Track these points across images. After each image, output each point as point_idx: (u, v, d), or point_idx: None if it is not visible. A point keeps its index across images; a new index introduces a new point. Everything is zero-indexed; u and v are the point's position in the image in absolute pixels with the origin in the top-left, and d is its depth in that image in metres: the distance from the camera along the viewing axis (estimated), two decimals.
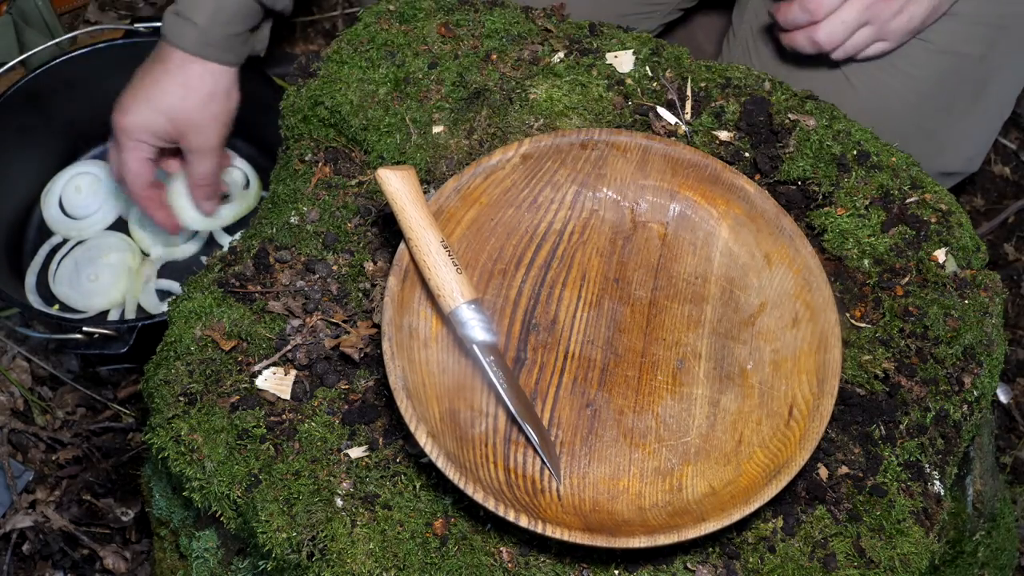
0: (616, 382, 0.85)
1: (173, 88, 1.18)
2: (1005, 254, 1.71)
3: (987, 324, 0.90)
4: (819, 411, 0.79)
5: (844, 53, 1.12)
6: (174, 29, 1.16)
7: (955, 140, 1.24)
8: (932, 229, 0.93)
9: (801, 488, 0.83)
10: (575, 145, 0.89)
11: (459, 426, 0.80)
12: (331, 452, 0.83)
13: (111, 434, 1.45)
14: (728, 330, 0.87)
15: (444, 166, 0.97)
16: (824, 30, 1.09)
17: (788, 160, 0.96)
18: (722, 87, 1.00)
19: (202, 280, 0.93)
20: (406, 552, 0.78)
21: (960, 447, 0.87)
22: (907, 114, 1.18)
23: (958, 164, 1.27)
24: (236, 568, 0.92)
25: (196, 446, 0.84)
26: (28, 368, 1.48)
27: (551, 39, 1.04)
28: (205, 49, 1.16)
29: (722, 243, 0.89)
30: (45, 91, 1.40)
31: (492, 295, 0.87)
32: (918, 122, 1.19)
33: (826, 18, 1.08)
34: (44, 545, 1.36)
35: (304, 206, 0.97)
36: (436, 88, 1.01)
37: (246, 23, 1.18)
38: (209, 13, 1.15)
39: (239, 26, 1.18)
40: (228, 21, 1.16)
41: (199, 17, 1.15)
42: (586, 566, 0.79)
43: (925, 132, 1.20)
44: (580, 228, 0.90)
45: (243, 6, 1.17)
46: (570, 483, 0.80)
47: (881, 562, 0.80)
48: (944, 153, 1.24)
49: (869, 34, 1.11)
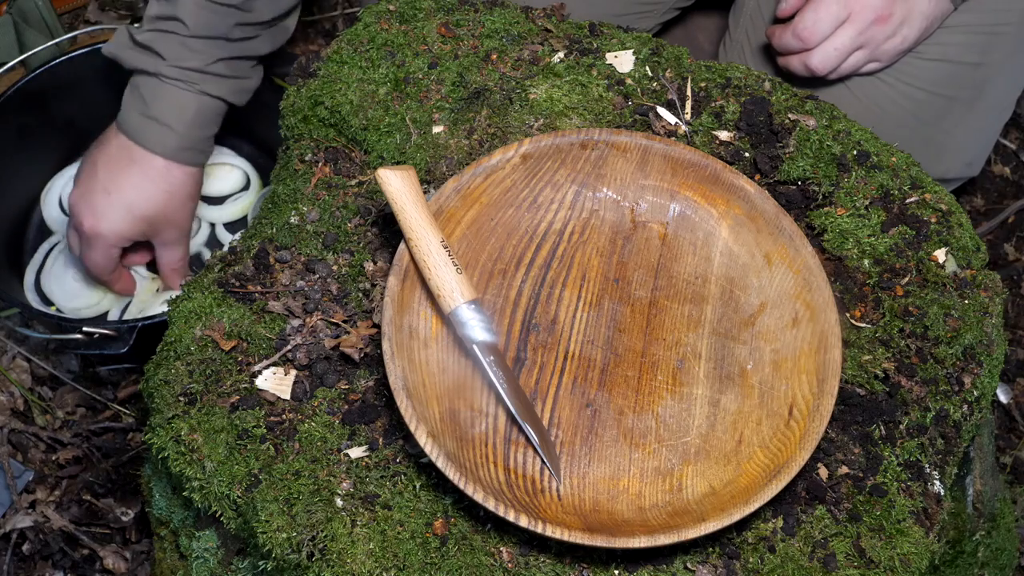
0: (616, 382, 0.85)
1: (156, 194, 1.16)
2: (1005, 254, 1.71)
3: (987, 324, 0.90)
4: (819, 411, 0.79)
5: (838, 75, 1.14)
6: (148, 134, 1.14)
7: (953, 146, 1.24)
8: (932, 229, 0.93)
9: (801, 488, 0.83)
10: (575, 145, 0.89)
11: (459, 426, 0.80)
12: (331, 452, 0.83)
13: (111, 434, 1.45)
14: (728, 330, 0.87)
15: (444, 166, 0.97)
16: (818, 57, 1.10)
17: (788, 160, 0.96)
18: (722, 87, 1.00)
19: (202, 280, 0.93)
20: (406, 552, 0.78)
21: (960, 447, 0.87)
22: (903, 121, 1.19)
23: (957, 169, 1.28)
24: (236, 568, 0.92)
25: (196, 446, 0.84)
26: (28, 368, 1.48)
27: (551, 39, 1.04)
28: (184, 154, 1.16)
29: (722, 243, 0.89)
30: (45, 91, 1.39)
31: (492, 295, 0.87)
32: (915, 129, 1.19)
33: (819, 45, 1.09)
34: (44, 545, 1.36)
35: (304, 206, 0.97)
36: (436, 88, 1.01)
37: (217, 124, 1.18)
38: (188, 119, 1.13)
39: (214, 127, 1.18)
40: (205, 124, 1.16)
41: (177, 124, 1.13)
42: (586, 566, 0.79)
43: (922, 139, 1.20)
44: (580, 228, 0.90)
45: (218, 108, 1.16)
46: (570, 483, 0.80)
47: (881, 562, 0.80)
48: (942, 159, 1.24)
49: (862, 57, 1.12)
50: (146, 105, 1.14)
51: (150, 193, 1.16)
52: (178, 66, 1.12)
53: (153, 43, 1.12)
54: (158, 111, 1.13)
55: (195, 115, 1.14)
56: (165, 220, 1.19)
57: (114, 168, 1.16)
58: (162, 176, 1.16)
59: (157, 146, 1.15)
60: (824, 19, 1.08)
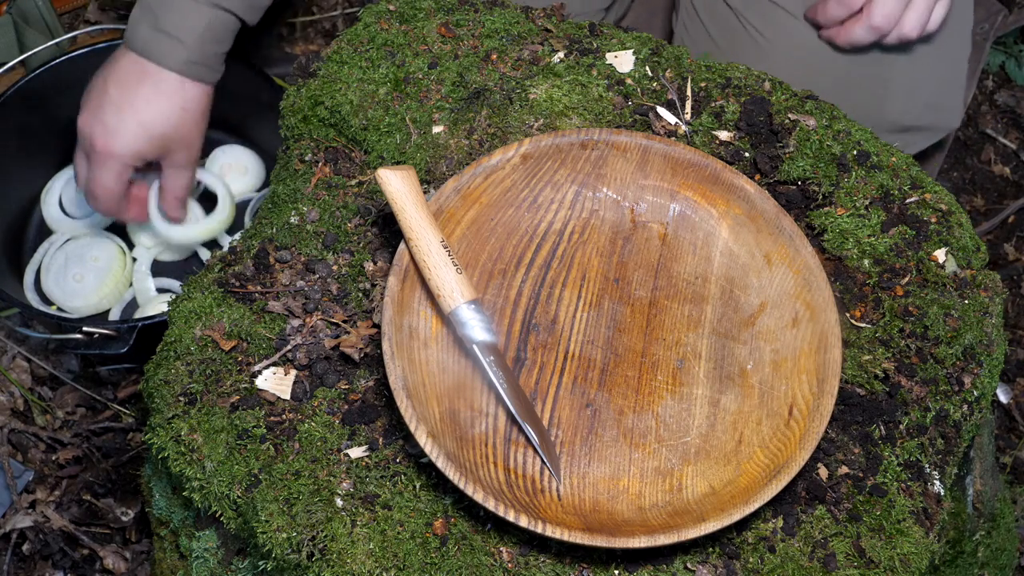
0: (616, 382, 0.85)
1: (169, 110, 1.14)
2: (1005, 254, 1.71)
3: (987, 324, 0.90)
4: (819, 411, 0.79)
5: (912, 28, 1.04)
6: (159, 48, 1.11)
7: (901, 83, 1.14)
8: (932, 229, 0.93)
9: (801, 488, 0.83)
10: (575, 145, 0.89)
11: (459, 426, 0.80)
12: (331, 452, 0.83)
13: (111, 434, 1.45)
14: (728, 330, 0.87)
15: (444, 166, 0.97)
16: (879, 12, 1.02)
17: (788, 160, 0.96)
18: (722, 87, 1.00)
19: (202, 280, 0.93)
20: (406, 552, 0.78)
21: (960, 447, 0.87)
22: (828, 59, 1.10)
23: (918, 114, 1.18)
24: (236, 568, 0.92)
25: (196, 446, 0.84)
26: (28, 368, 1.48)
27: (551, 39, 1.04)
28: (195, 68, 1.13)
29: (722, 243, 0.89)
30: (45, 91, 1.40)
31: (492, 295, 0.87)
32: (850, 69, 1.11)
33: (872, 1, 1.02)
34: (44, 545, 1.36)
35: (304, 206, 0.97)
36: (436, 88, 1.01)
37: (230, 41, 1.16)
38: (198, 32, 1.11)
39: (225, 44, 1.15)
40: (217, 40, 1.13)
41: (188, 37, 1.11)
42: (586, 566, 0.79)
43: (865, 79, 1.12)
44: (580, 228, 0.90)
45: (230, 23, 1.14)
46: (570, 483, 0.80)
47: (881, 562, 0.80)
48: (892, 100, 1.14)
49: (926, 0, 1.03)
50: (156, 18, 1.11)
51: (163, 108, 1.14)
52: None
53: None
54: (168, 24, 1.10)
55: (206, 29, 1.11)
56: (179, 138, 1.17)
57: (125, 85, 1.14)
58: (175, 91, 1.14)
59: (168, 59, 1.12)
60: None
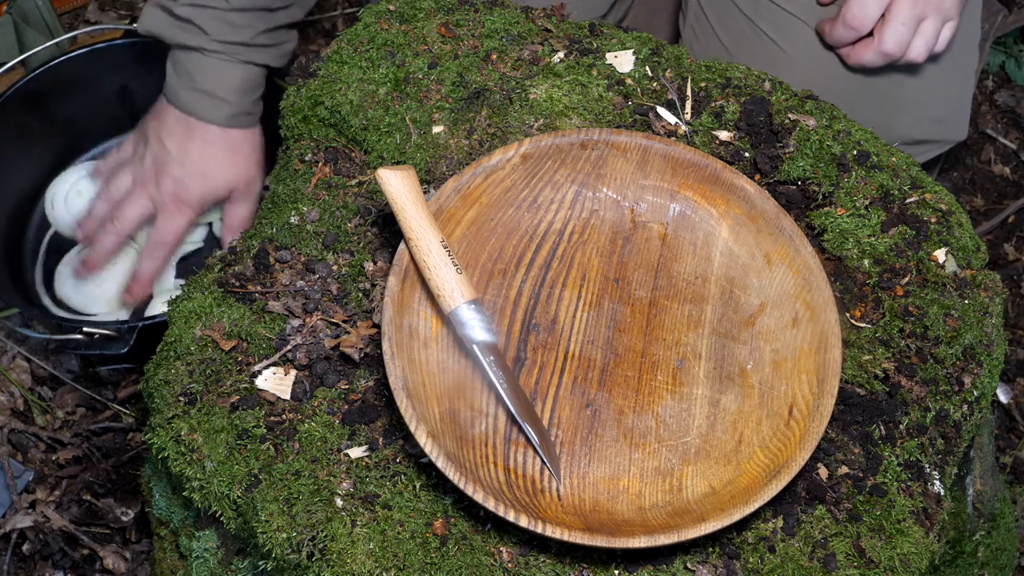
0: (616, 382, 0.85)
1: (222, 156, 1.21)
2: (1005, 254, 1.71)
3: (987, 324, 0.90)
4: (819, 411, 0.79)
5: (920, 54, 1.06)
6: (201, 107, 1.17)
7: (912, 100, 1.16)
8: (932, 229, 0.93)
9: (801, 488, 0.83)
10: (575, 145, 0.89)
11: (459, 426, 0.80)
12: (331, 452, 0.83)
13: (111, 434, 1.45)
14: (728, 330, 0.87)
15: (444, 166, 0.97)
16: (889, 38, 1.04)
17: (788, 160, 0.96)
18: (722, 87, 1.00)
19: (202, 280, 0.93)
20: (406, 552, 0.78)
21: (960, 447, 0.87)
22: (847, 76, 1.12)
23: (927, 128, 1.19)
24: (236, 568, 0.92)
25: (196, 446, 0.84)
26: (28, 368, 1.48)
27: (551, 39, 1.04)
28: (237, 119, 1.20)
29: (722, 243, 0.89)
30: (45, 91, 1.40)
31: (492, 295, 0.87)
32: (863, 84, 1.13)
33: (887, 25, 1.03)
34: (44, 545, 1.36)
35: (304, 206, 0.97)
36: (436, 88, 1.01)
37: (263, 84, 1.22)
38: (235, 88, 1.17)
39: (260, 90, 1.22)
40: (252, 90, 1.20)
41: (227, 94, 1.17)
42: (586, 566, 0.79)
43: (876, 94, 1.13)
44: (580, 228, 0.90)
45: (262, 73, 1.21)
46: (570, 483, 0.80)
47: (881, 562, 0.80)
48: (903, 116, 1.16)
49: (933, 23, 1.04)
50: (193, 80, 1.17)
51: (217, 157, 1.21)
52: (221, 40, 1.15)
53: (194, 17, 1.14)
54: (206, 84, 1.17)
55: (241, 83, 1.18)
56: (236, 178, 1.24)
57: (177, 139, 1.20)
58: (223, 139, 1.20)
59: (211, 116, 1.18)
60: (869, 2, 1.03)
